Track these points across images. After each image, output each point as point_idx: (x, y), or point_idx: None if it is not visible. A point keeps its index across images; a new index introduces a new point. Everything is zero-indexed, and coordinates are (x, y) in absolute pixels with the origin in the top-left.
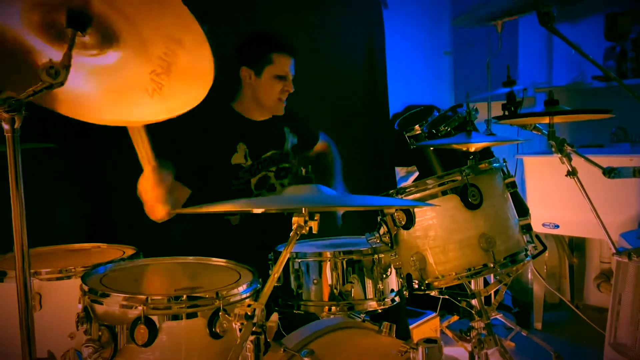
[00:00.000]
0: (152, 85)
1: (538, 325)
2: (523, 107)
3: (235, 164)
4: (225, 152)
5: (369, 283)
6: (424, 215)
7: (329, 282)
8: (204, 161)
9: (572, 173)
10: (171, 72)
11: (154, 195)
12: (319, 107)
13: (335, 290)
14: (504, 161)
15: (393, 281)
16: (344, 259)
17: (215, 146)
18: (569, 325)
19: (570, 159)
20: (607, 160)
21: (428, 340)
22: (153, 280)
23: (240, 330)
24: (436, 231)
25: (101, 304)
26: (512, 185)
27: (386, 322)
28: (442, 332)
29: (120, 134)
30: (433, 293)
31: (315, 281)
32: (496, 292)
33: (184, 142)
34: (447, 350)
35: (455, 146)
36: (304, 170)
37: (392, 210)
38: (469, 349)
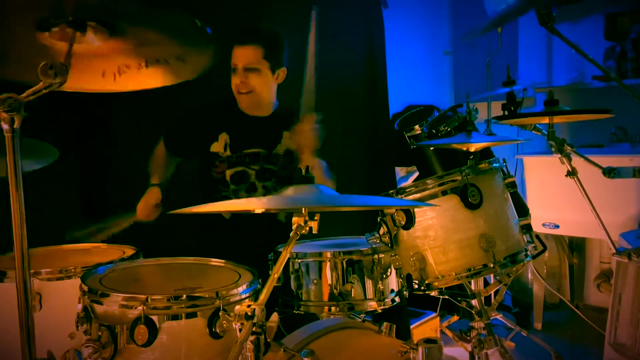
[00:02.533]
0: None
1: (538, 325)
2: (523, 107)
3: (213, 152)
4: (207, 138)
5: (369, 283)
6: (424, 215)
7: (329, 282)
8: (192, 143)
9: (572, 173)
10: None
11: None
12: (318, 107)
13: (335, 291)
14: (504, 161)
15: (393, 281)
16: (344, 259)
17: (202, 131)
18: (569, 325)
19: (570, 159)
20: (607, 160)
21: (428, 340)
22: (153, 280)
23: (240, 330)
24: (436, 231)
25: (101, 304)
26: (512, 185)
27: (386, 322)
28: (442, 332)
29: (119, 135)
30: (433, 293)
31: (315, 281)
32: (496, 292)
33: (175, 114)
34: (447, 350)
35: (455, 146)
36: (303, 170)
37: (392, 210)
38: (469, 349)
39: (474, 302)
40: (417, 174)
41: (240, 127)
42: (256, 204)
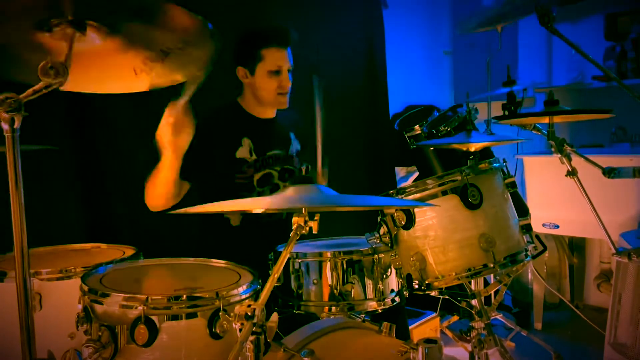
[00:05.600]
0: (142, 68)
1: (538, 325)
2: (523, 107)
3: (240, 158)
4: (229, 145)
5: (369, 283)
6: (424, 216)
7: (329, 282)
8: (207, 154)
9: (572, 173)
10: (165, 62)
11: (175, 143)
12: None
13: (335, 291)
14: (504, 161)
15: (393, 281)
16: (344, 259)
17: (220, 139)
18: (569, 325)
19: (570, 159)
20: (607, 160)
21: (428, 340)
22: (153, 280)
23: (240, 330)
24: (436, 231)
25: (101, 304)
26: (512, 185)
27: (386, 322)
28: (442, 332)
29: (120, 134)
30: (433, 293)
31: (315, 281)
32: (496, 292)
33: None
34: (447, 350)
35: (455, 146)
36: (303, 170)
37: (392, 210)
38: (469, 349)
39: (474, 302)
40: (417, 174)
41: (255, 130)
42: (256, 204)
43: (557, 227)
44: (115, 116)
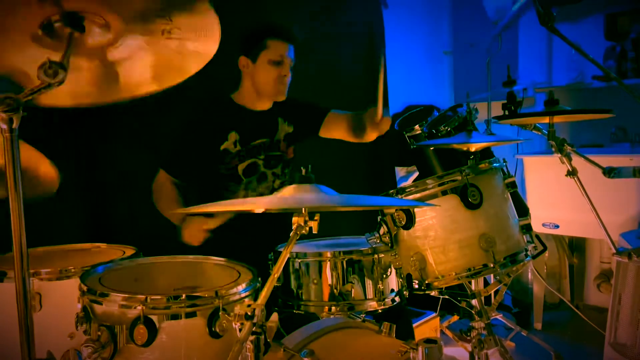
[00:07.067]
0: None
1: (538, 325)
2: (523, 107)
3: (223, 150)
4: (216, 141)
5: (369, 283)
6: (424, 215)
7: (329, 282)
8: (194, 154)
9: (572, 173)
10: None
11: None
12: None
13: (335, 290)
14: (504, 161)
15: (393, 281)
16: (344, 258)
17: (207, 138)
18: (569, 325)
19: (570, 159)
20: (607, 160)
21: (428, 340)
22: (152, 279)
23: (240, 330)
24: (436, 231)
25: (100, 303)
26: (512, 185)
27: (386, 322)
28: (442, 332)
29: (121, 134)
30: (433, 293)
31: (315, 281)
32: (496, 292)
33: (175, 138)
34: (447, 350)
35: (455, 146)
36: (304, 170)
37: (392, 210)
38: (469, 349)
39: (474, 302)
40: (417, 174)
41: (244, 122)
42: (256, 204)
43: (557, 227)
44: (113, 118)
